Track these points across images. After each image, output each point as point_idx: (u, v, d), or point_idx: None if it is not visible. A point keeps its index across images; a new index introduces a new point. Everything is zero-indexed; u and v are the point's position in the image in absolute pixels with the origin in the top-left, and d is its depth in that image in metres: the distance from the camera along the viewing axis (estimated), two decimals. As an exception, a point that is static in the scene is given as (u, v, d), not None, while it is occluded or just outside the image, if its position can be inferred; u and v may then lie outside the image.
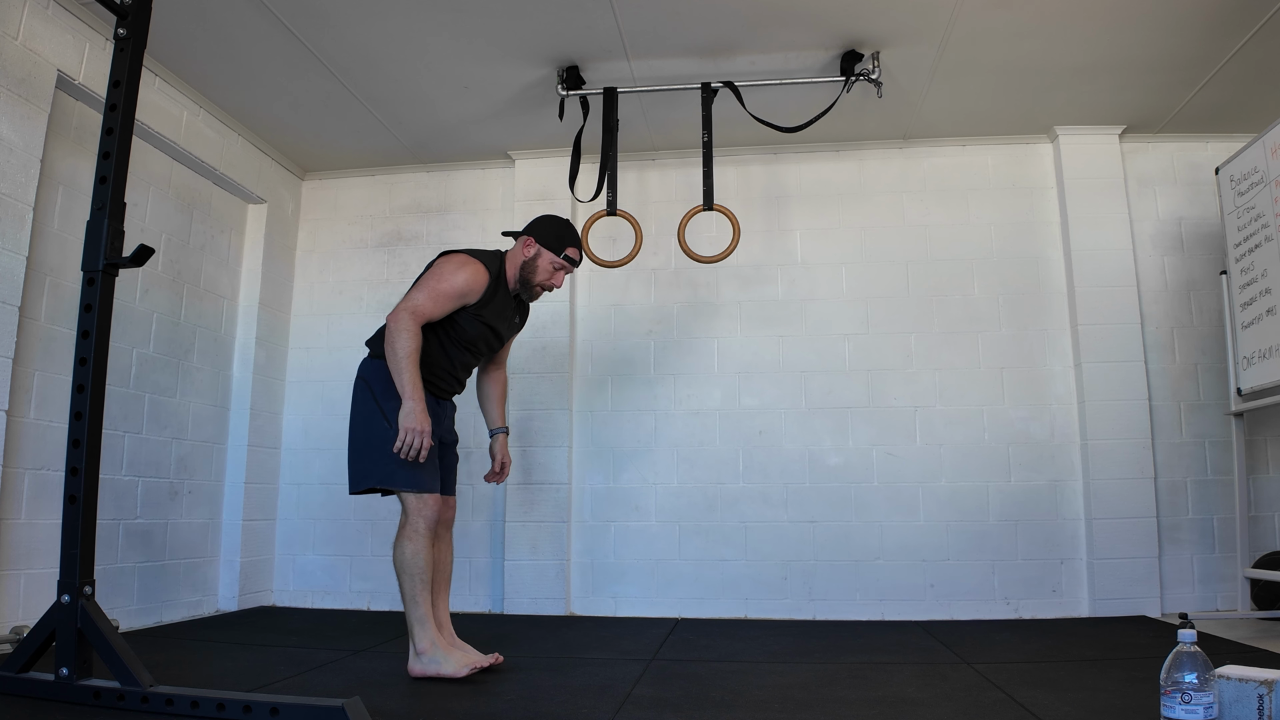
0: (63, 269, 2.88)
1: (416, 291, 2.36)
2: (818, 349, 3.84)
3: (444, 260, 2.44)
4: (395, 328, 2.29)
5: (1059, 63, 3.28)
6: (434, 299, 2.34)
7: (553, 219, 2.58)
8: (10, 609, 2.63)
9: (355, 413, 2.42)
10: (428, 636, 2.30)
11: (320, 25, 3.01)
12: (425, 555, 2.32)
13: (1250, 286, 3.17)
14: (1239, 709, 1.62)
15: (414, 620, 2.32)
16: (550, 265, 2.52)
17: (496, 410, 2.72)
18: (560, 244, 2.53)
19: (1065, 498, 3.64)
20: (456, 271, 2.38)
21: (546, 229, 2.54)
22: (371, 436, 2.35)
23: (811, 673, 2.44)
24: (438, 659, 2.29)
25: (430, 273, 2.41)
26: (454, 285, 2.36)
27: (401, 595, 2.34)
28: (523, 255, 2.52)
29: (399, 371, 2.26)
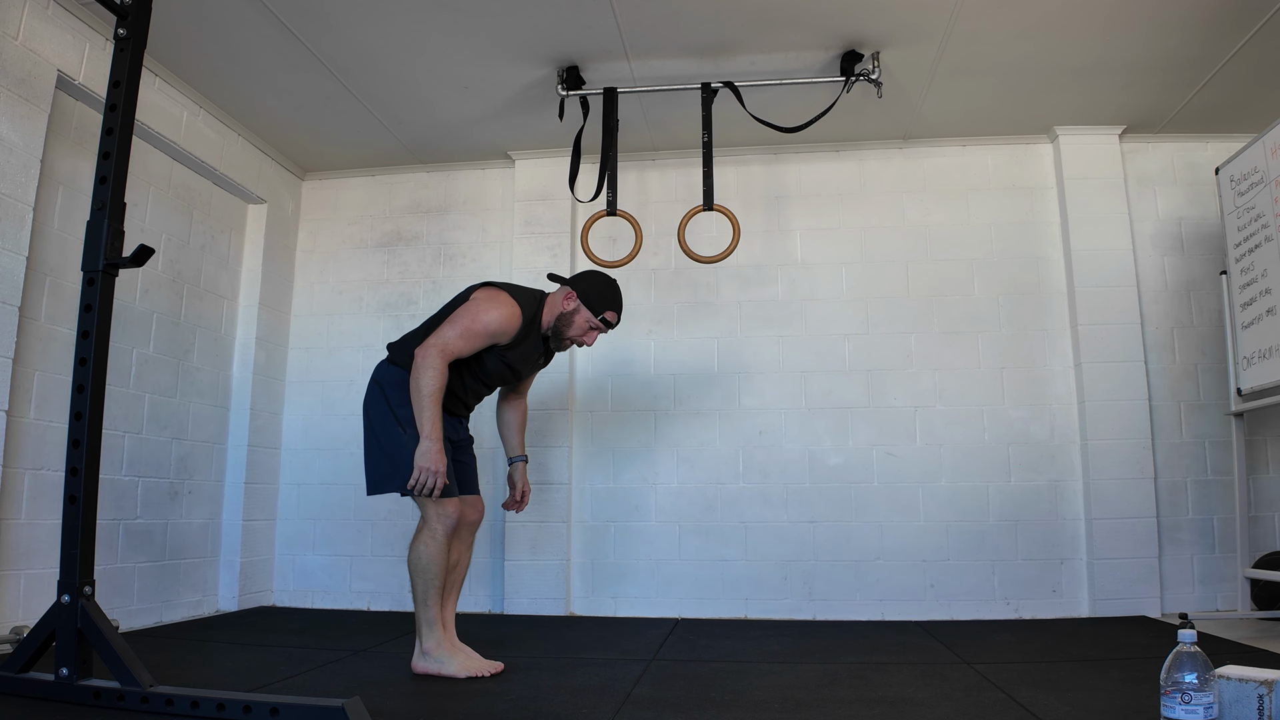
0: (63, 269, 2.88)
1: (449, 327, 2.31)
2: (818, 349, 3.84)
3: (482, 295, 2.39)
4: (423, 364, 2.25)
5: (1059, 63, 3.28)
6: (466, 337, 2.30)
7: (600, 277, 2.53)
8: (10, 609, 2.63)
9: (371, 416, 2.41)
10: (435, 638, 2.33)
11: (320, 25, 3.01)
12: (441, 560, 2.31)
13: (1250, 286, 3.17)
14: (1239, 709, 1.62)
15: (424, 621, 2.33)
16: (586, 323, 2.49)
17: (516, 438, 2.70)
18: (601, 305, 2.49)
19: (1065, 498, 3.64)
20: (492, 310, 2.34)
21: (590, 286, 2.50)
22: (388, 443, 2.34)
23: (811, 673, 2.44)
24: (442, 659, 2.32)
25: (466, 308, 2.36)
26: (487, 325, 2.33)
27: (413, 595, 2.34)
28: (562, 307, 2.48)
29: (420, 408, 2.23)
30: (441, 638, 2.35)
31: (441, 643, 2.34)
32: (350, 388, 4.09)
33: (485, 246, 4.14)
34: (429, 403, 2.22)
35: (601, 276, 2.54)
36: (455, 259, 4.15)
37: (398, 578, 3.90)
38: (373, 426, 2.40)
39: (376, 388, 2.43)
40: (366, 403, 2.44)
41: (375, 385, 2.44)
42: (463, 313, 2.34)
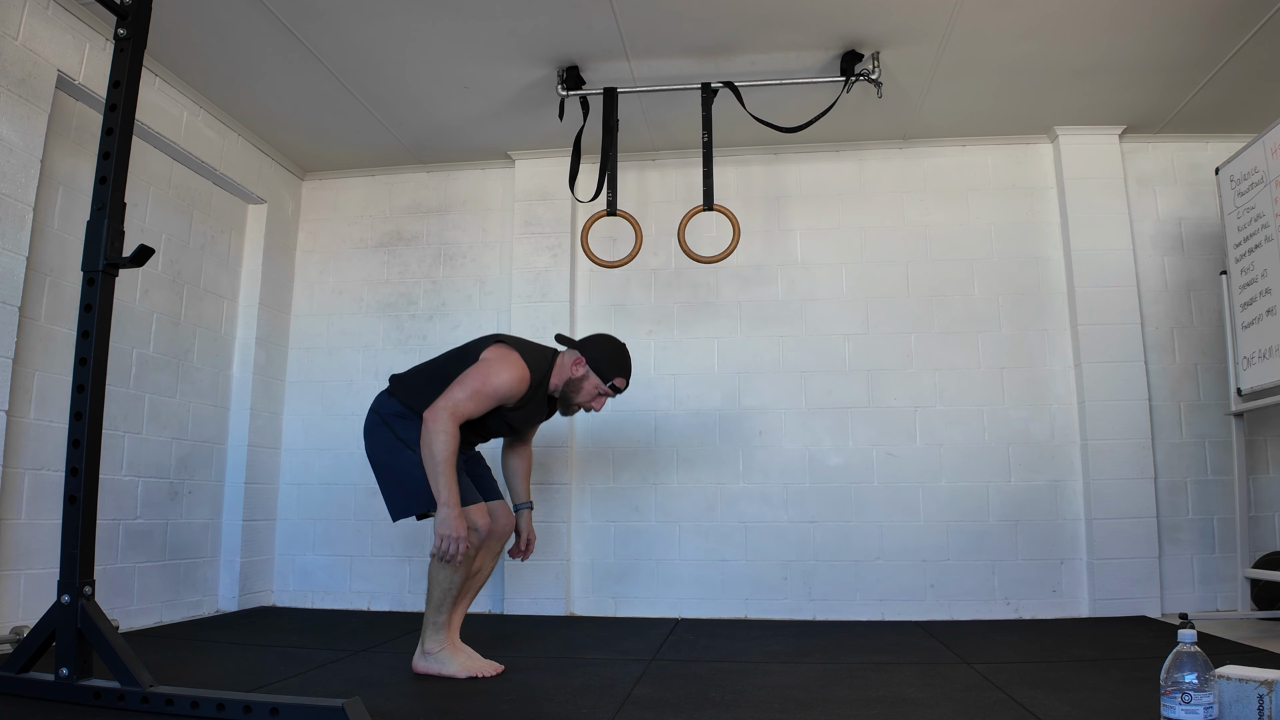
0: (63, 269, 2.88)
1: (459, 388, 2.27)
2: (818, 349, 3.84)
3: (493, 355, 2.36)
4: (434, 427, 2.21)
5: (1059, 63, 3.28)
6: (476, 399, 2.27)
7: (610, 343, 2.51)
8: (10, 609, 2.63)
9: (375, 448, 2.41)
10: (439, 642, 2.34)
11: (321, 25, 3.01)
12: (463, 572, 2.31)
13: (1250, 287, 3.17)
14: (1239, 709, 1.62)
15: (431, 623, 2.34)
16: (595, 389, 2.47)
17: (522, 485, 2.68)
18: (611, 371, 2.47)
19: (1065, 498, 3.64)
20: (502, 372, 2.31)
21: (600, 353, 2.48)
22: (399, 464, 2.34)
23: (811, 673, 2.44)
24: (443, 660, 2.34)
25: (477, 370, 2.32)
26: (497, 388, 2.30)
27: (427, 597, 2.34)
28: (570, 372, 2.46)
29: (435, 474, 2.20)
30: (445, 639, 2.36)
31: (444, 644, 2.35)
32: (350, 388, 4.09)
33: (485, 246, 4.14)
34: (444, 468, 2.18)
35: (612, 343, 2.51)
36: (455, 259, 4.15)
37: (398, 578, 3.91)
38: (380, 457, 2.40)
39: (377, 419, 2.42)
40: (369, 434, 2.43)
41: (375, 416, 2.43)
42: (473, 374, 2.30)
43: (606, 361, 2.47)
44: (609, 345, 2.50)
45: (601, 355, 2.47)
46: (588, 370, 2.46)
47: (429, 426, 2.22)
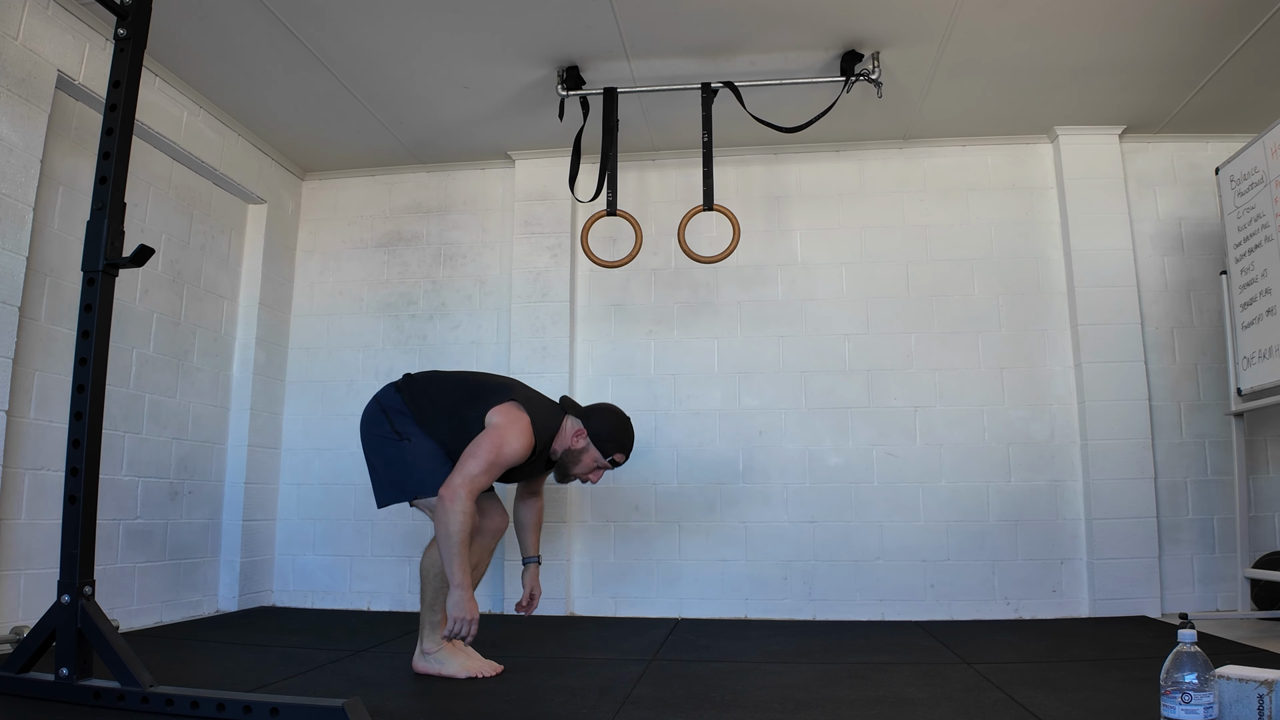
0: (63, 269, 2.88)
1: (473, 462, 2.21)
2: (818, 349, 3.84)
3: (504, 422, 2.29)
4: (453, 507, 2.16)
5: (1059, 63, 3.28)
6: (491, 473, 2.24)
7: (613, 418, 2.47)
8: (10, 609, 2.63)
9: (370, 435, 2.41)
10: (437, 641, 2.35)
11: (320, 25, 3.01)
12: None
13: (1250, 286, 3.17)
14: (1239, 709, 1.62)
15: (427, 624, 2.35)
16: (593, 462, 2.46)
17: (531, 539, 2.67)
18: (611, 447, 2.45)
19: (1065, 498, 3.64)
20: (514, 441, 2.28)
21: (602, 426, 2.45)
22: (390, 453, 2.35)
23: (811, 673, 2.44)
24: (442, 660, 2.34)
25: (490, 438, 2.26)
26: (510, 458, 2.27)
27: (421, 597, 2.35)
28: (571, 443, 2.44)
29: (450, 556, 2.15)
30: (441, 642, 2.36)
31: (442, 644, 2.35)
32: (350, 388, 4.09)
33: (485, 246, 4.14)
34: (460, 549, 2.15)
35: (615, 417, 2.48)
36: (455, 259, 4.15)
37: (398, 578, 3.91)
38: (373, 444, 2.40)
39: (377, 408, 2.42)
40: (366, 422, 2.43)
41: (376, 406, 2.43)
42: (487, 445, 2.25)
43: (608, 436, 2.44)
44: (613, 419, 2.47)
45: (604, 429, 2.45)
46: (588, 443, 2.44)
47: (446, 505, 2.16)
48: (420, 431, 2.37)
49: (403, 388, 2.45)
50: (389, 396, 2.44)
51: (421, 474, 2.32)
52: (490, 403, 2.34)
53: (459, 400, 2.39)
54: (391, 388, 2.46)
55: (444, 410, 2.38)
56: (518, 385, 2.48)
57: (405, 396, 2.42)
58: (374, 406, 2.45)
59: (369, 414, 2.44)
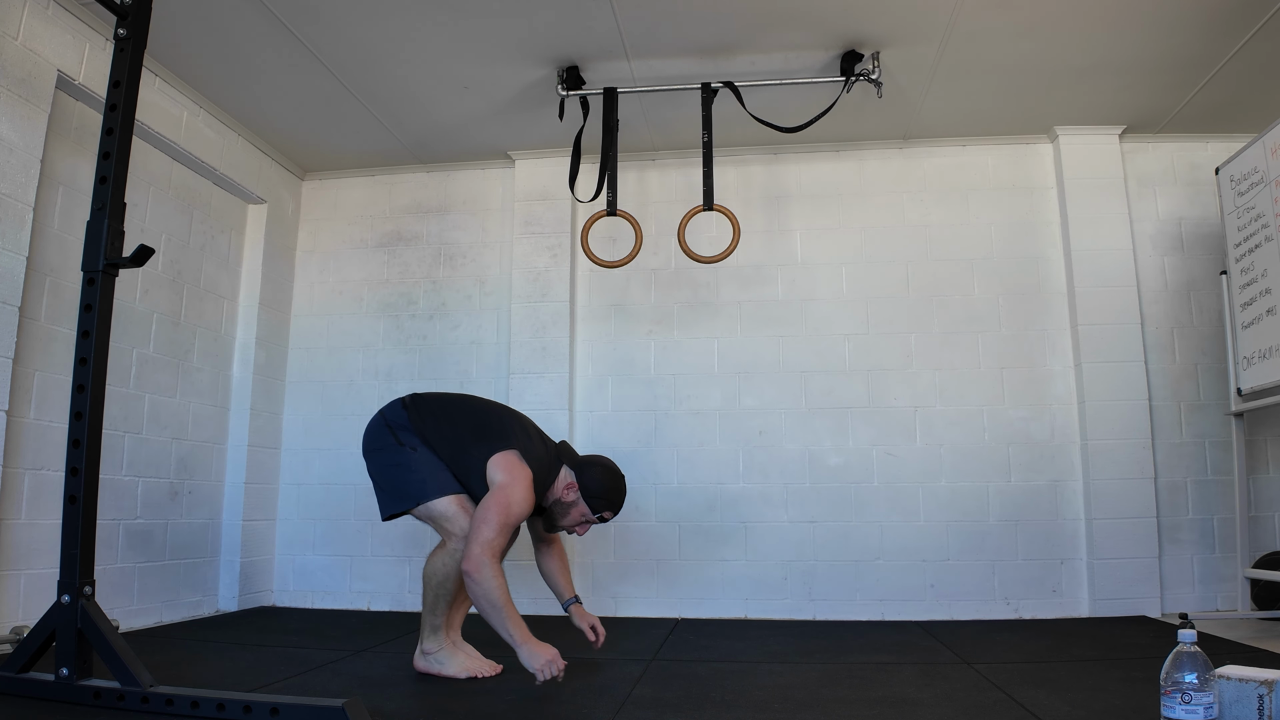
0: (63, 269, 2.88)
1: (487, 527, 2.17)
2: (818, 349, 3.84)
3: (509, 480, 2.27)
4: (481, 576, 2.12)
5: (1059, 63, 3.28)
6: (505, 532, 2.21)
7: (607, 475, 2.45)
8: (10, 609, 2.63)
9: (372, 448, 2.42)
10: (437, 642, 2.36)
11: (320, 25, 3.01)
12: (455, 577, 2.31)
13: (1250, 286, 3.17)
14: (1239, 709, 1.62)
15: (428, 625, 2.36)
16: (580, 516, 2.45)
17: (563, 582, 2.64)
18: (600, 504, 2.44)
19: (1065, 498, 3.64)
20: (519, 496, 2.25)
21: (594, 482, 2.43)
22: (393, 461, 2.36)
23: (811, 673, 2.44)
24: (442, 660, 2.35)
25: (497, 499, 2.23)
26: (518, 514, 2.25)
27: (422, 599, 2.35)
28: (561, 494, 2.43)
29: (502, 619, 2.12)
30: (444, 640, 2.37)
31: (443, 644, 2.36)
32: (350, 388, 4.09)
33: (485, 246, 4.14)
34: (506, 609, 2.12)
35: (608, 473, 2.45)
36: (455, 259, 4.15)
37: (397, 578, 3.91)
38: (375, 456, 2.41)
39: (382, 423, 2.43)
40: (371, 435, 2.44)
41: (381, 421, 2.44)
42: (495, 508, 2.21)
43: (599, 492, 2.43)
44: (605, 475, 2.45)
45: (595, 485, 2.43)
46: (578, 497, 2.43)
47: (474, 578, 2.13)
48: (423, 446, 2.38)
49: (409, 406, 2.45)
50: (395, 413, 2.44)
51: (422, 479, 2.32)
52: (493, 447, 2.33)
53: (462, 434, 2.39)
54: (399, 404, 2.47)
55: (447, 439, 2.39)
56: (517, 427, 2.45)
57: (411, 415, 2.42)
58: (379, 421, 2.45)
59: (373, 428, 2.45)
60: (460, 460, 2.37)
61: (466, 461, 2.35)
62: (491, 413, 2.49)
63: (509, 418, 2.49)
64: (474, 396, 2.58)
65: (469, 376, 4.00)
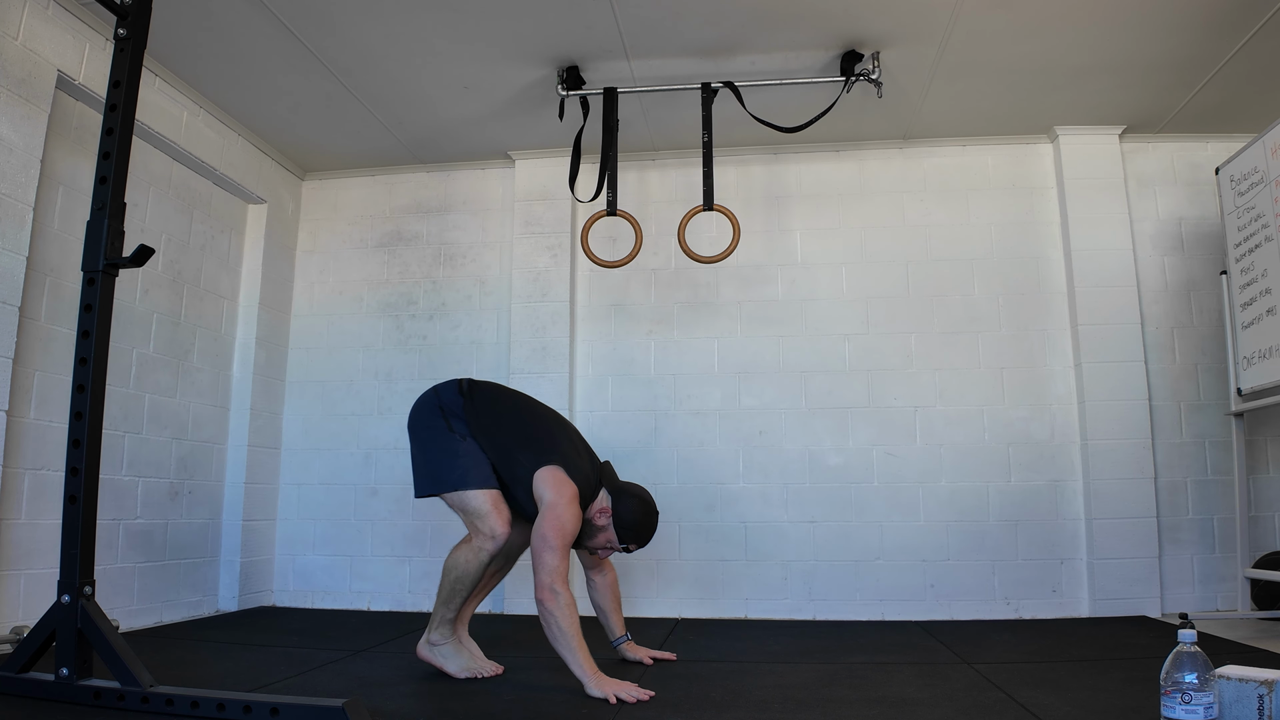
0: (63, 269, 2.88)
1: (547, 553, 2.17)
2: (818, 349, 3.84)
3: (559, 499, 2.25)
4: (554, 605, 2.12)
5: (1059, 63, 3.28)
6: (564, 553, 2.21)
7: (642, 509, 2.40)
8: (10, 609, 2.63)
9: (420, 426, 2.42)
10: (444, 635, 2.38)
11: (321, 25, 3.01)
12: (476, 574, 2.32)
13: (1250, 286, 3.17)
14: (1239, 709, 1.62)
15: (439, 617, 2.37)
16: (607, 542, 2.42)
17: (615, 620, 2.62)
18: (628, 535, 2.39)
19: (1065, 498, 3.64)
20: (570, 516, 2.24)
21: (628, 514, 2.38)
22: (439, 442, 2.36)
23: (811, 673, 2.44)
24: (445, 655, 2.37)
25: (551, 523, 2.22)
26: (572, 532, 2.24)
27: (439, 588, 2.36)
28: (595, 517, 2.39)
29: (571, 653, 2.12)
30: (450, 635, 2.38)
31: (449, 638, 2.38)
32: (350, 388, 4.09)
33: (485, 246, 4.14)
34: (576, 642, 2.13)
35: (643, 508, 2.41)
36: (455, 259, 4.15)
37: (398, 578, 3.91)
38: (422, 435, 2.40)
39: (435, 406, 2.41)
40: (420, 414, 2.43)
41: (435, 403, 2.42)
42: (553, 532, 2.20)
43: (630, 525, 2.40)
44: (640, 510, 2.40)
45: (628, 517, 2.39)
46: (609, 523, 2.40)
47: (548, 607, 2.13)
48: (471, 438, 2.37)
49: (465, 394, 2.43)
50: (451, 398, 2.43)
51: (463, 470, 2.32)
52: (540, 460, 2.32)
53: (512, 438, 2.38)
54: (455, 389, 2.45)
55: (495, 441, 2.38)
56: (565, 440, 2.42)
57: (466, 405, 2.41)
58: (432, 401, 2.44)
59: (425, 406, 2.44)
60: (505, 464, 2.36)
61: (512, 467, 2.35)
62: (541, 421, 2.47)
63: (558, 429, 2.46)
64: (527, 398, 2.55)
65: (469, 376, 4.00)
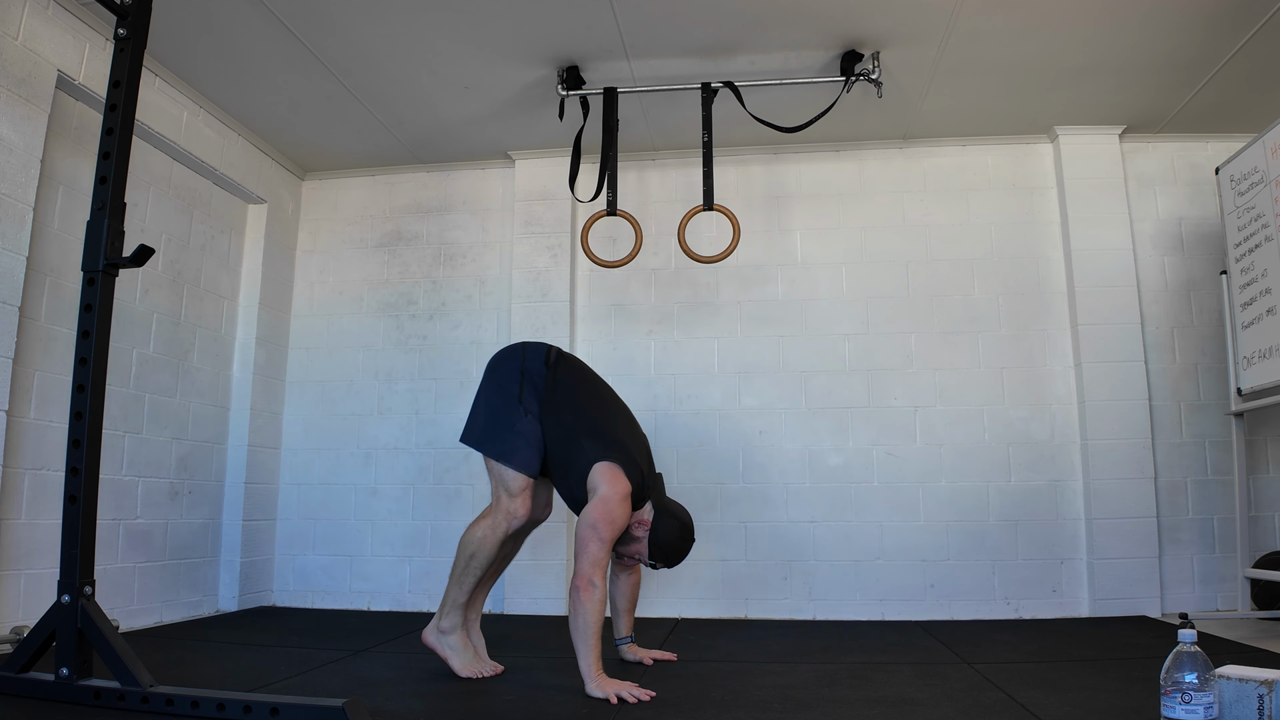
0: (63, 269, 2.88)
1: (594, 543, 2.18)
2: (818, 349, 3.84)
3: (614, 495, 2.25)
4: (587, 597, 2.13)
5: (1059, 63, 3.28)
6: (609, 546, 2.21)
7: (680, 533, 2.39)
8: (10, 609, 2.63)
9: (494, 382, 2.43)
10: (454, 621, 2.38)
11: (321, 25, 3.01)
12: (492, 550, 2.34)
13: (1250, 286, 3.17)
14: (1239, 709, 1.62)
15: (450, 600, 2.37)
16: (636, 554, 2.42)
17: (624, 620, 2.63)
18: (659, 552, 2.39)
19: (1065, 498, 3.64)
20: (619, 512, 2.23)
21: (665, 535, 2.37)
22: (505, 410, 2.37)
23: (811, 673, 2.44)
24: (453, 646, 2.37)
25: (600, 514, 2.22)
26: (619, 526, 2.23)
27: (452, 569, 2.36)
28: (634, 528, 2.37)
29: (585, 651, 2.12)
30: (459, 624, 2.38)
31: (458, 627, 2.37)
32: (350, 388, 4.09)
33: (485, 246, 4.14)
34: (594, 641, 2.13)
35: (681, 531, 2.39)
36: (455, 259, 4.15)
37: (398, 578, 3.91)
38: (493, 392, 2.42)
39: (518, 369, 2.41)
40: (499, 366, 2.45)
41: (518, 366, 2.42)
42: (601, 520, 2.20)
43: (664, 543, 2.38)
44: (677, 534, 2.39)
45: (664, 537, 2.38)
46: (645, 537, 2.39)
47: (580, 598, 2.14)
48: (538, 414, 2.37)
49: (551, 368, 2.43)
50: (536, 365, 2.43)
51: (514, 447, 2.33)
52: (605, 454, 2.31)
53: (582, 424, 2.36)
54: (541, 357, 2.44)
55: (564, 420, 2.37)
56: (631, 439, 2.41)
57: (548, 379, 2.41)
58: (516, 361, 2.44)
59: (508, 362, 2.44)
60: (566, 447, 2.35)
61: (572, 452, 2.33)
62: (614, 415, 2.46)
63: (627, 429, 2.45)
64: (606, 387, 2.54)
65: (469, 376, 4.00)
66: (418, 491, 3.97)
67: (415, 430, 4.01)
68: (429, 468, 3.98)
